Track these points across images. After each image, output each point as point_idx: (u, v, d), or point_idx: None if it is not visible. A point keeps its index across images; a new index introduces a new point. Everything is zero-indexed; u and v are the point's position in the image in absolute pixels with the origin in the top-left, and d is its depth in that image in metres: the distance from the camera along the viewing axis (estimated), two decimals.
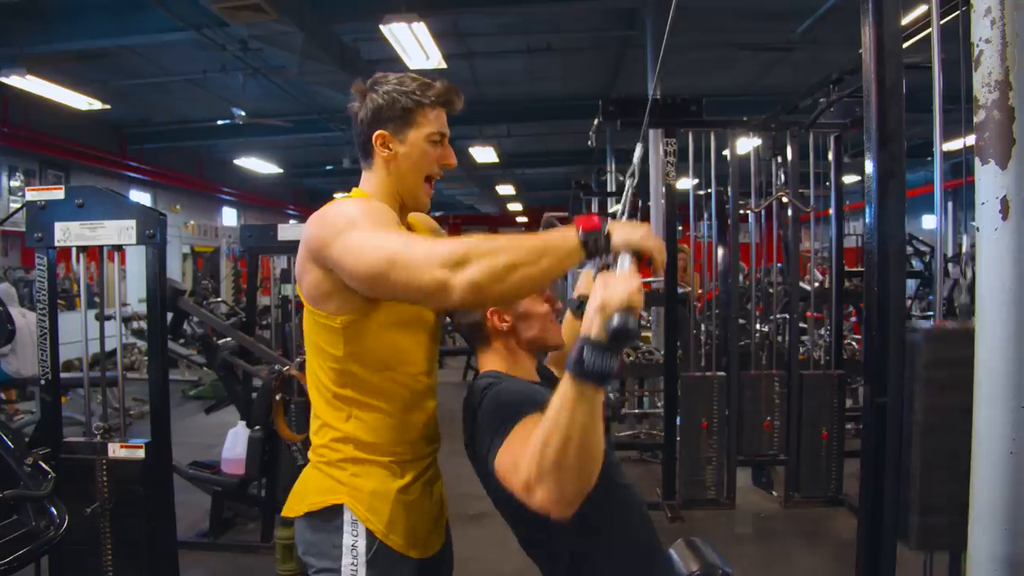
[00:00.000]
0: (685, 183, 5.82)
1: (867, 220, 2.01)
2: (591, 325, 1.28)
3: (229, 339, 4.71)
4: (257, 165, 15.49)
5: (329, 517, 1.77)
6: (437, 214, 26.44)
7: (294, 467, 4.38)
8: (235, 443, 4.70)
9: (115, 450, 2.90)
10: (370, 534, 1.75)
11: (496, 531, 4.86)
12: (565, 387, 1.31)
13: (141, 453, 2.90)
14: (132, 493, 2.90)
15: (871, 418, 2.01)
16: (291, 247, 5.45)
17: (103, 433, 2.99)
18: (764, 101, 8.07)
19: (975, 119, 1.75)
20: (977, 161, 1.75)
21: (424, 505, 1.87)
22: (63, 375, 3.12)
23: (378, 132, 1.78)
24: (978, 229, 1.75)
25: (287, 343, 6.21)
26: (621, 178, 10.40)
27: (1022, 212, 1.70)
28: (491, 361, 1.88)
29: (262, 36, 7.77)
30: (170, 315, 4.53)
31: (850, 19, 2.31)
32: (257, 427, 4.31)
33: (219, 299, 8.93)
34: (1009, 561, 1.69)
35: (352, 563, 1.75)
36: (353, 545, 1.76)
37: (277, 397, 4.18)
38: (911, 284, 12.32)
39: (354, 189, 1.87)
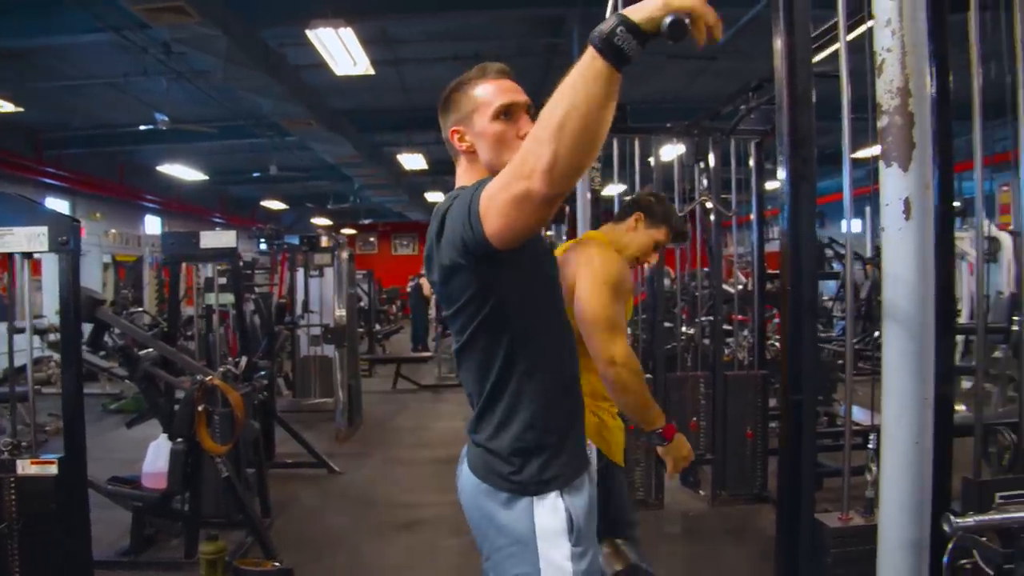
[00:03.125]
0: (612, 189, 5.89)
1: (781, 223, 2.06)
2: (640, 10, 1.29)
3: (151, 350, 4.58)
4: (181, 172, 15.11)
5: None
6: (366, 221, 26.14)
7: (218, 479, 4.29)
8: (156, 456, 4.58)
9: (24, 467, 2.79)
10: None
11: (428, 539, 4.90)
12: (582, 60, 1.32)
13: (54, 469, 2.80)
14: (44, 512, 2.79)
15: (787, 415, 2.06)
16: (214, 255, 5.35)
17: (11, 450, 2.87)
18: (692, 108, 8.22)
19: (879, 124, 1.82)
20: (882, 164, 1.82)
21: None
22: None
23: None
24: (883, 229, 1.82)
25: (211, 353, 6.09)
26: None
27: (923, 212, 1.77)
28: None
29: (185, 39, 7.57)
30: (90, 326, 4.40)
31: (771, 30, 2.39)
32: (179, 439, 4.20)
33: (140, 309, 8.72)
34: (915, 544, 1.76)
35: None
36: None
37: (200, 408, 4.10)
38: (832, 286, 12.69)
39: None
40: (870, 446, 2.00)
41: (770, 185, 5.20)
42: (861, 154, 3.08)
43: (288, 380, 9.42)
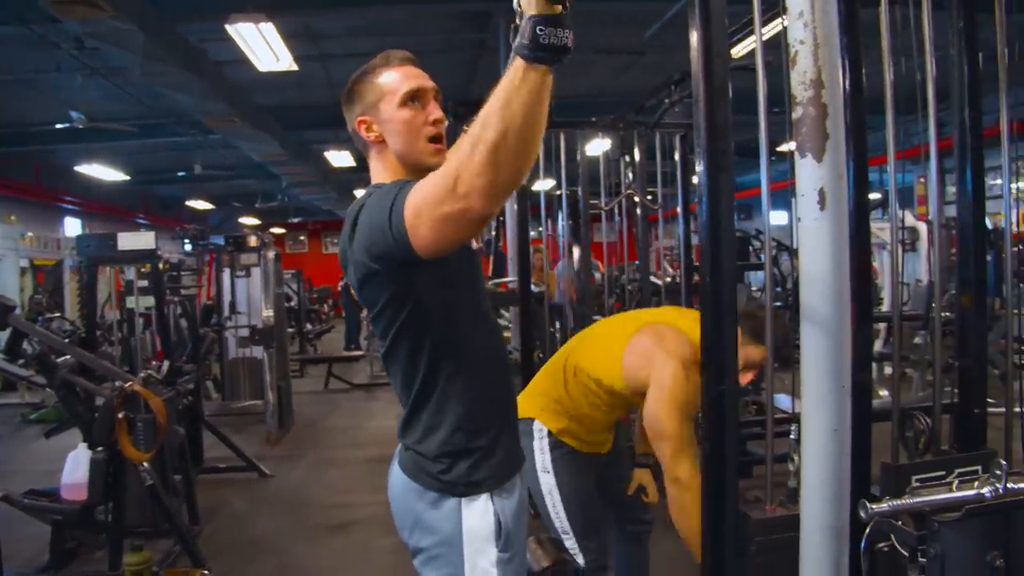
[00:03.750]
0: (540, 185, 5.91)
1: (700, 216, 2.08)
2: (533, 3, 1.28)
3: (68, 356, 4.41)
4: (101, 172, 14.64)
5: None
6: (295, 220, 25.71)
7: (143, 488, 4.16)
8: (76, 467, 4.41)
9: None
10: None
11: (361, 539, 4.84)
12: (511, 72, 1.31)
13: None
14: None
15: (711, 406, 2.07)
16: (134, 257, 5.19)
17: None
18: (619, 103, 8.28)
19: (793, 116, 1.85)
20: (797, 155, 1.85)
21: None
22: None
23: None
24: (799, 219, 1.85)
25: (133, 358, 5.92)
26: None
27: (837, 202, 1.81)
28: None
29: (99, 34, 7.28)
30: (7, 333, 4.24)
31: None
32: (100, 448, 4.06)
33: (57, 314, 8.42)
34: (835, 530, 1.80)
35: None
36: None
37: (120, 415, 3.97)
38: (762, 276, 12.94)
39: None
40: (791, 436, 2.04)
41: (696, 178, 5.27)
42: (785, 147, 3.14)
43: (217, 383, 9.21)
